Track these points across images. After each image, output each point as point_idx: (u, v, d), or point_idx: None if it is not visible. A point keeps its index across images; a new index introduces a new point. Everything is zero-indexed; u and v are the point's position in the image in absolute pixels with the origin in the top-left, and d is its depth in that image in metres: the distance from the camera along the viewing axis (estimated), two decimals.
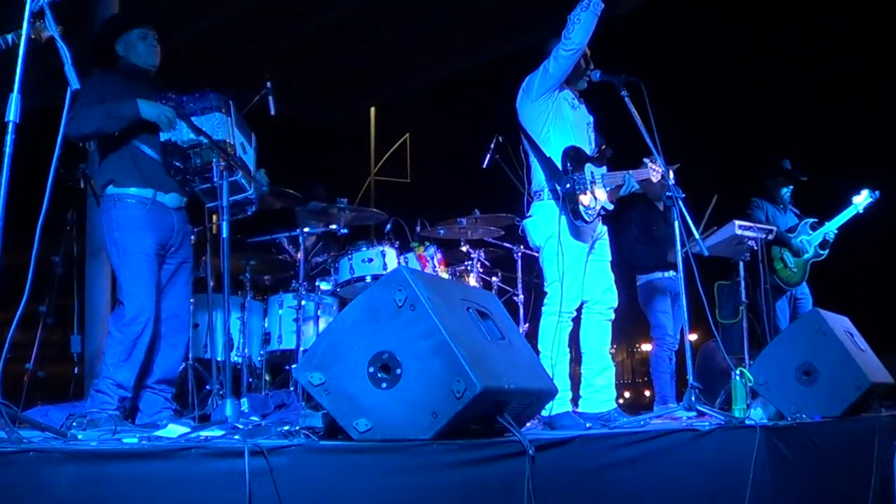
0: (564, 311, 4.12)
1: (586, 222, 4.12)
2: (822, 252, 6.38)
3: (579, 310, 4.26)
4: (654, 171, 4.38)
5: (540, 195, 4.26)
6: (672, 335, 6.05)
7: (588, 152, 4.28)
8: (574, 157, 4.19)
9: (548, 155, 4.21)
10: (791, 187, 6.61)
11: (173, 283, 3.95)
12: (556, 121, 4.23)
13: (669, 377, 6.04)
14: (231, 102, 3.87)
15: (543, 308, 4.22)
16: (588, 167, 4.23)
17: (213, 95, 3.80)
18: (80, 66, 2.56)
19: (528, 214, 4.32)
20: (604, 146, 4.38)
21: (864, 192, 6.30)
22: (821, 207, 6.47)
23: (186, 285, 4.04)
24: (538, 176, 4.28)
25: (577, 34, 4.05)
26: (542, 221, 4.22)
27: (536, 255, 4.40)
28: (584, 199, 4.12)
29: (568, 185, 4.11)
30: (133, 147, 3.81)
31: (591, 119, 4.44)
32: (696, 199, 4.85)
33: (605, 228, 4.36)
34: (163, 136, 3.76)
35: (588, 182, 4.18)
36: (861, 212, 6.31)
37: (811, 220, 6.46)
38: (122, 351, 3.70)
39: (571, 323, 4.20)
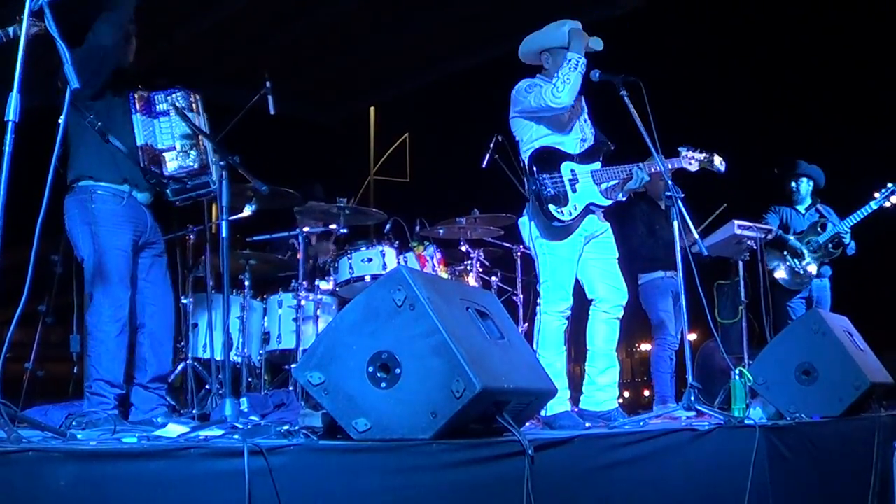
0: (555, 310, 4.13)
1: (561, 222, 4.12)
2: (834, 251, 6.36)
3: (575, 309, 4.26)
4: (692, 159, 4.30)
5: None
6: (674, 335, 6.04)
7: (575, 151, 4.28)
8: (544, 158, 4.20)
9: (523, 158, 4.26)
10: (804, 187, 6.58)
11: (151, 277, 3.94)
12: (540, 126, 4.26)
13: (670, 377, 6.04)
14: (199, 98, 3.86)
15: (537, 307, 4.24)
16: (567, 166, 4.21)
17: (182, 94, 3.79)
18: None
19: (521, 215, 4.35)
20: (602, 141, 4.37)
21: (886, 188, 6.24)
22: (850, 205, 6.43)
23: (165, 279, 4.03)
24: None
25: (566, 94, 4.07)
26: (527, 222, 4.26)
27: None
28: (556, 198, 4.13)
29: (533, 187, 4.14)
30: (111, 144, 3.80)
31: (585, 114, 4.44)
32: (701, 200, 4.84)
33: (606, 225, 4.34)
34: (139, 140, 3.76)
35: (566, 181, 4.18)
36: (887, 206, 6.22)
37: (825, 220, 6.46)
38: (106, 350, 3.71)
39: (566, 321, 4.20)
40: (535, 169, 4.16)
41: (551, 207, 4.11)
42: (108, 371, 3.70)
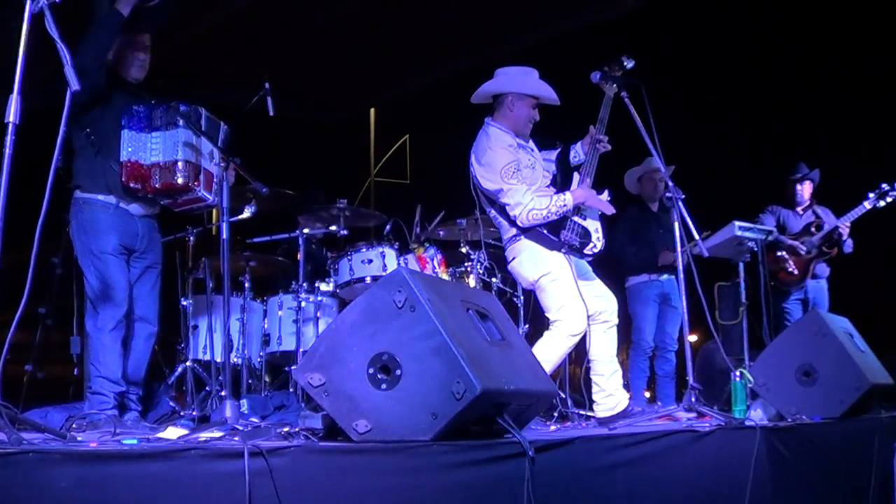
0: (575, 333, 4.18)
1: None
2: (828, 251, 6.37)
3: None
4: None
5: None
6: (649, 341, 6.14)
7: None
8: None
9: None
10: (806, 190, 6.58)
11: (139, 287, 3.96)
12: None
13: (643, 385, 6.12)
14: (202, 111, 3.85)
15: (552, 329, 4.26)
16: None
17: (182, 108, 3.78)
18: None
19: (509, 260, 4.46)
20: None
21: (879, 188, 6.24)
22: (844, 204, 6.43)
23: (153, 290, 4.04)
24: None
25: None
26: (524, 262, 4.35)
27: None
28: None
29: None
30: (103, 158, 3.82)
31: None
32: (702, 200, 4.84)
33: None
34: (123, 156, 3.76)
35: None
36: (881, 206, 6.21)
37: (820, 221, 6.46)
38: (105, 350, 3.75)
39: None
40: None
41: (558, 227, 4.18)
42: (107, 369, 3.75)
